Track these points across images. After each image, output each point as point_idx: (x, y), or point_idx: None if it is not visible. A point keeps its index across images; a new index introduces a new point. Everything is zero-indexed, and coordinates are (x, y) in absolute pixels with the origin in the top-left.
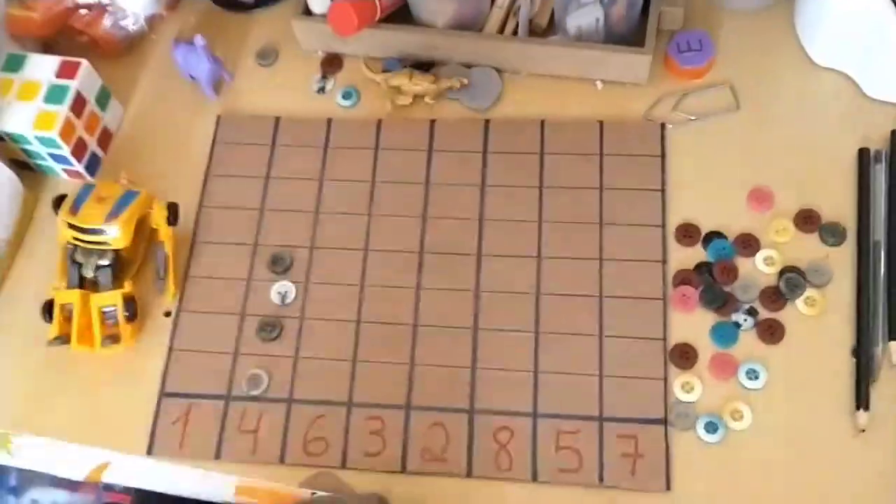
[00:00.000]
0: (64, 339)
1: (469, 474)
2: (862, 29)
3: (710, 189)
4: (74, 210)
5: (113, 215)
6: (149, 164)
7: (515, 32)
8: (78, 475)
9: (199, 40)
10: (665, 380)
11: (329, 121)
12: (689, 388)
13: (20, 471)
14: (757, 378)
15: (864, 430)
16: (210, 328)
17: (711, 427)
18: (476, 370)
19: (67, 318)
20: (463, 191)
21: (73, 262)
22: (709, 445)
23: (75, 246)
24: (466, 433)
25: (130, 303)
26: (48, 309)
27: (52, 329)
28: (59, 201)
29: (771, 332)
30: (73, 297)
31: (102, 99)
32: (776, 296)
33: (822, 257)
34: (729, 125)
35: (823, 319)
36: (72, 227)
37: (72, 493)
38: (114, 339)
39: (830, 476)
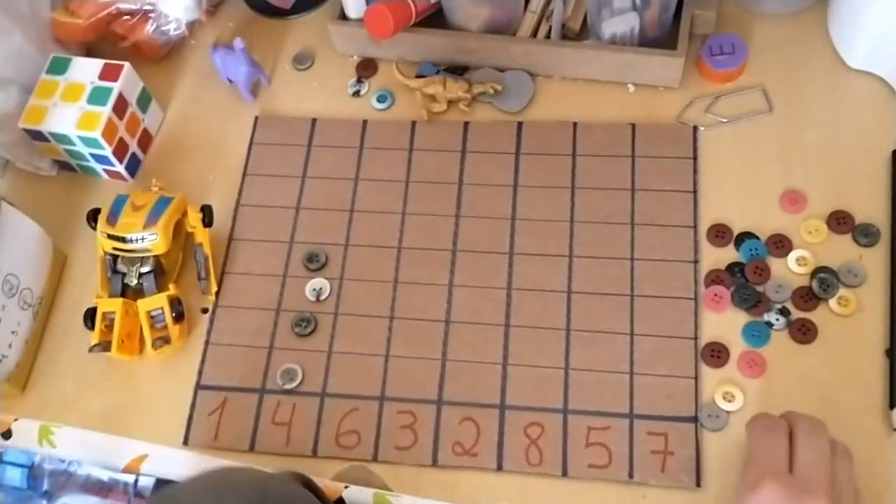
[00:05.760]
0: (104, 345)
1: (499, 468)
2: None
3: (742, 190)
4: (112, 221)
5: (151, 222)
6: (187, 165)
7: (548, 36)
8: (116, 466)
9: (238, 42)
10: (696, 378)
11: (364, 122)
12: (730, 397)
13: (52, 476)
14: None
15: None
16: (246, 323)
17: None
18: (507, 366)
19: (109, 327)
20: (495, 191)
21: (115, 271)
22: (740, 443)
23: (115, 256)
24: (497, 428)
25: (176, 304)
26: (90, 316)
27: (94, 336)
28: (93, 215)
29: (804, 332)
30: (116, 305)
31: (143, 101)
32: (809, 296)
33: (855, 258)
34: (762, 127)
35: (857, 319)
36: (111, 237)
37: (102, 499)
38: (164, 340)
39: (864, 476)
